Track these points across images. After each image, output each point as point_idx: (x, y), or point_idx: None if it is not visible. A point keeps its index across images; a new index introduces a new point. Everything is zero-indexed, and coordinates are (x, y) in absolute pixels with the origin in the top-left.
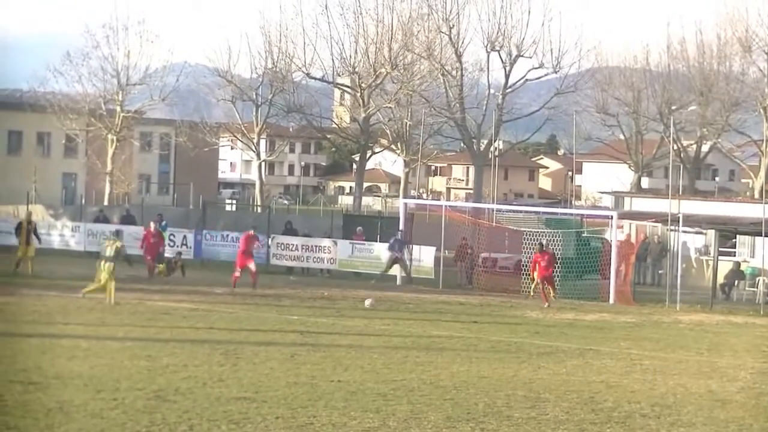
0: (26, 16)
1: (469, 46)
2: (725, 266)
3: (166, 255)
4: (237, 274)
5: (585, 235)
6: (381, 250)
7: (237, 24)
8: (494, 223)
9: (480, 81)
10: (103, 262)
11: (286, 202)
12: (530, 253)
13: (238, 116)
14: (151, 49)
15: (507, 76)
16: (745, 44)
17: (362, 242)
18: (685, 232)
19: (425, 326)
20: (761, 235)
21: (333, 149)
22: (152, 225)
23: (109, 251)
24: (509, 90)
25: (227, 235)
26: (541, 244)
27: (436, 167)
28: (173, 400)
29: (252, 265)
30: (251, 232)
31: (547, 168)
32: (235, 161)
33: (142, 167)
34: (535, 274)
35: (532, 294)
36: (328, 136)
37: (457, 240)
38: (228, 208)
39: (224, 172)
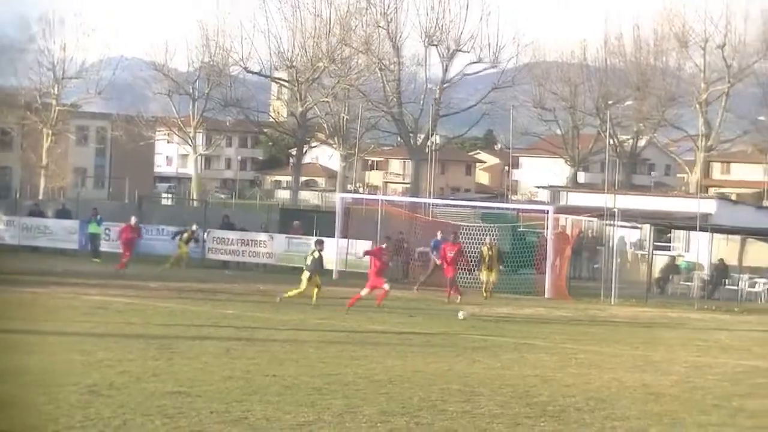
0: None
1: (407, 40)
2: (660, 261)
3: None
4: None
5: (521, 229)
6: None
7: (174, 18)
8: (431, 218)
9: (418, 75)
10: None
11: (222, 196)
12: (469, 247)
13: (174, 110)
14: (87, 43)
15: (445, 71)
16: (681, 40)
17: (299, 237)
18: (621, 226)
19: (360, 320)
20: (696, 230)
21: (270, 143)
22: (132, 219)
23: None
24: (447, 84)
25: (163, 230)
26: (454, 234)
27: (373, 161)
28: (107, 394)
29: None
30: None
31: (485, 163)
32: (171, 155)
33: (78, 161)
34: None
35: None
36: (265, 131)
37: (394, 234)
38: (164, 202)
39: (160, 166)
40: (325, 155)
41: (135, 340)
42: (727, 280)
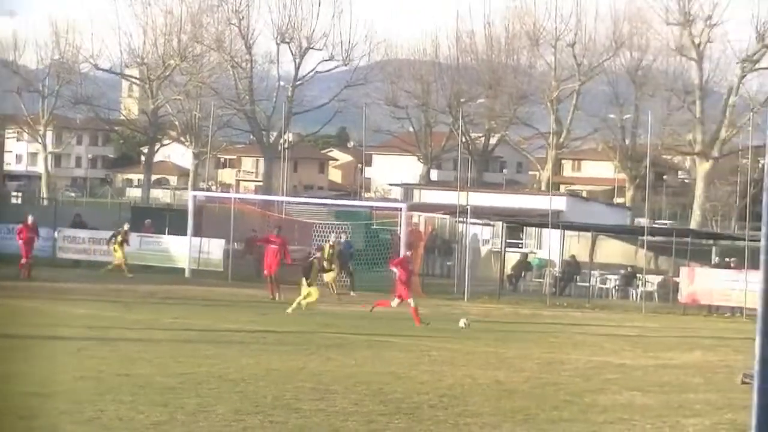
0: None
1: (260, 38)
2: (513, 258)
3: None
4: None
5: (374, 227)
6: (170, 243)
7: (24, 13)
8: (284, 216)
9: (270, 73)
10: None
11: (73, 194)
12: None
13: (23, 108)
14: None
15: (297, 68)
16: (532, 38)
17: (151, 235)
18: (473, 224)
19: (214, 319)
20: (548, 227)
21: (121, 141)
22: (29, 219)
23: None
24: (299, 82)
25: (13, 228)
26: (278, 228)
27: (225, 159)
28: None
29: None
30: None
31: (337, 160)
32: (21, 153)
33: None
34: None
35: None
36: (116, 128)
37: (246, 232)
38: (14, 200)
39: (9, 164)
40: (177, 153)
41: None
42: (578, 277)
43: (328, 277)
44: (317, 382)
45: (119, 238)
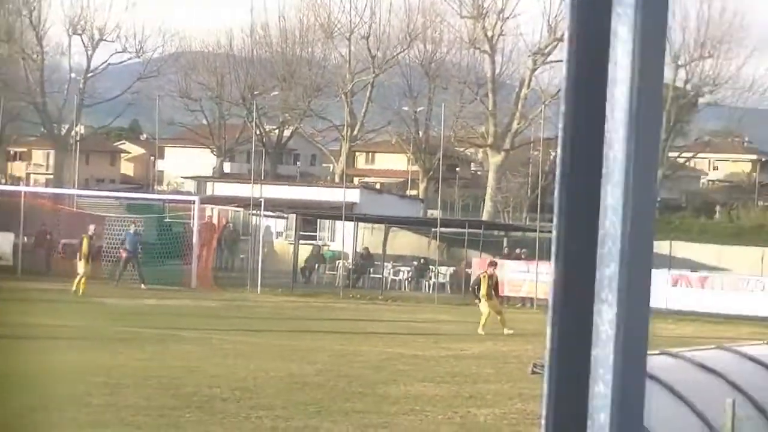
0: None
1: (51, 29)
2: (306, 250)
3: None
4: None
5: (167, 220)
6: None
7: None
8: (75, 209)
9: (62, 65)
10: None
11: None
12: (112, 239)
13: None
14: None
15: (89, 60)
16: (327, 30)
17: None
18: (267, 216)
19: (0, 314)
20: (342, 219)
21: None
22: None
23: None
24: (91, 74)
25: None
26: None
27: (15, 152)
28: None
29: None
30: None
31: (130, 153)
32: None
33: None
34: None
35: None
36: None
37: (37, 226)
38: None
39: None
40: None
41: None
42: (371, 269)
43: (81, 269)
44: (108, 376)
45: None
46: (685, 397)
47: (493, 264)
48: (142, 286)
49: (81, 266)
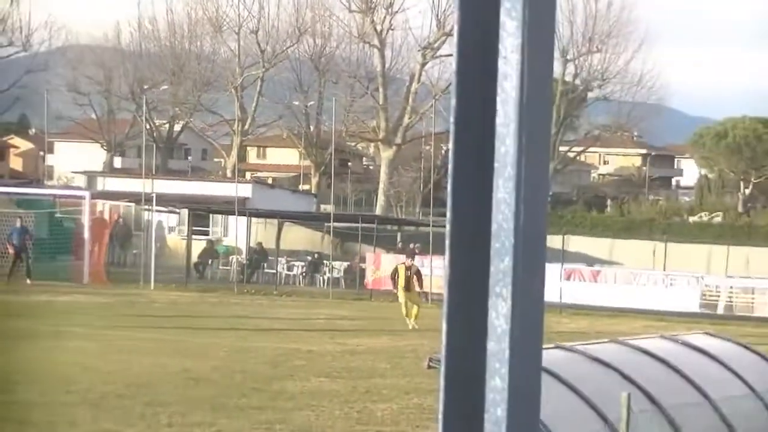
0: None
1: None
2: (199, 245)
3: None
4: None
5: (58, 215)
6: None
7: None
8: None
9: None
10: None
11: None
12: (2, 235)
13: None
14: None
15: None
16: (215, 24)
17: None
18: (158, 211)
19: None
20: (234, 214)
21: None
22: None
23: None
24: None
25: None
26: None
27: None
28: None
29: None
30: None
31: (19, 148)
32: None
33: None
34: None
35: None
36: None
37: None
38: None
39: None
40: None
41: None
42: (265, 264)
43: None
44: (1, 373)
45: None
46: (580, 390)
47: (412, 254)
48: (28, 281)
49: None
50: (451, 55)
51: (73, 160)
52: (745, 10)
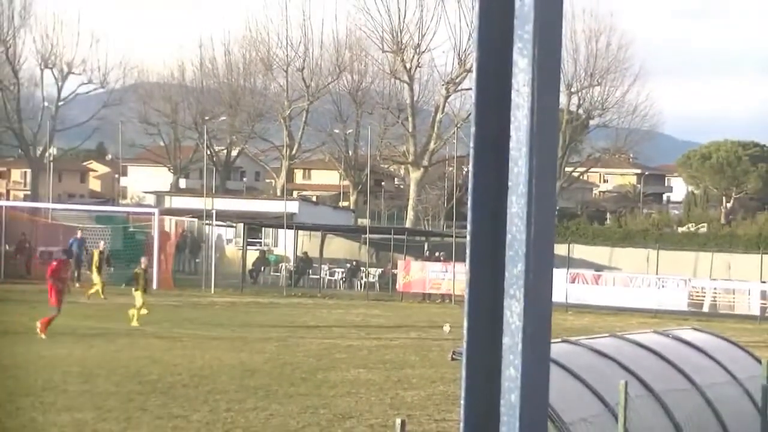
0: None
1: (25, 63)
2: (253, 254)
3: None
4: None
5: (131, 229)
6: None
7: None
8: (51, 220)
9: (35, 94)
10: None
11: None
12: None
13: None
14: None
15: (59, 91)
16: (266, 63)
17: None
18: (218, 225)
19: None
20: (283, 228)
21: None
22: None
23: None
24: (62, 103)
25: None
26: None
27: None
28: None
29: None
30: None
31: (97, 171)
32: None
33: None
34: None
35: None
36: None
37: (17, 236)
38: None
39: None
40: None
41: None
42: (310, 270)
43: (96, 279)
44: (82, 366)
45: (95, 261)
46: (583, 378)
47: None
48: (76, 284)
49: (95, 277)
50: (470, 89)
51: (144, 182)
52: (729, 40)
